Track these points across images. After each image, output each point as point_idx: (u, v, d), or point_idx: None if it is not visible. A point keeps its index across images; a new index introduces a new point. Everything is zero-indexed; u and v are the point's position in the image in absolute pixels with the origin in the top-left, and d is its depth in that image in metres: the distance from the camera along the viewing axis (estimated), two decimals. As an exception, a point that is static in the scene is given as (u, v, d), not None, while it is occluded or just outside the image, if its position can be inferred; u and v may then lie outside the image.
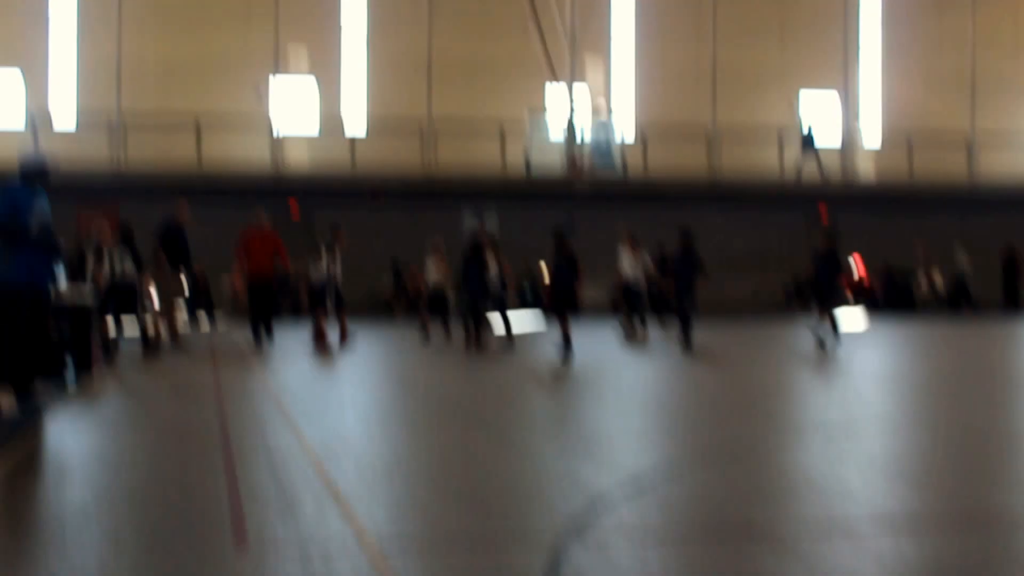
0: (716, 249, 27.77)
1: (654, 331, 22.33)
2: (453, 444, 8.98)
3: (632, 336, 21.16)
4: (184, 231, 18.49)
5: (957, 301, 33.19)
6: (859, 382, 14.51)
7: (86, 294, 13.41)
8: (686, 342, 18.57)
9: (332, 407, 11.57)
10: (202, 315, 27.41)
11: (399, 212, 32.29)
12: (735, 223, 33.89)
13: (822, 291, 18.88)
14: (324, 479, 7.06)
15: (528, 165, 33.86)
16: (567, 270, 17.27)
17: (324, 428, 9.64)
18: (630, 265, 21.62)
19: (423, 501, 6.67)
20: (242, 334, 17.74)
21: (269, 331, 18.71)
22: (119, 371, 14.31)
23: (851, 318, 26.18)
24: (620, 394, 13.21)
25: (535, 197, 32.91)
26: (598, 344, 19.70)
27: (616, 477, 7.16)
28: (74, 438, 9.18)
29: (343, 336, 18.75)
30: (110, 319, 15.69)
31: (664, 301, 23.59)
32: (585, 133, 34.50)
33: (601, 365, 16.43)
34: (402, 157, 33.39)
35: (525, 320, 25.12)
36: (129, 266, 16.67)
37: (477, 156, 33.65)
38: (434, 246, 21.57)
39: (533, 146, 34.11)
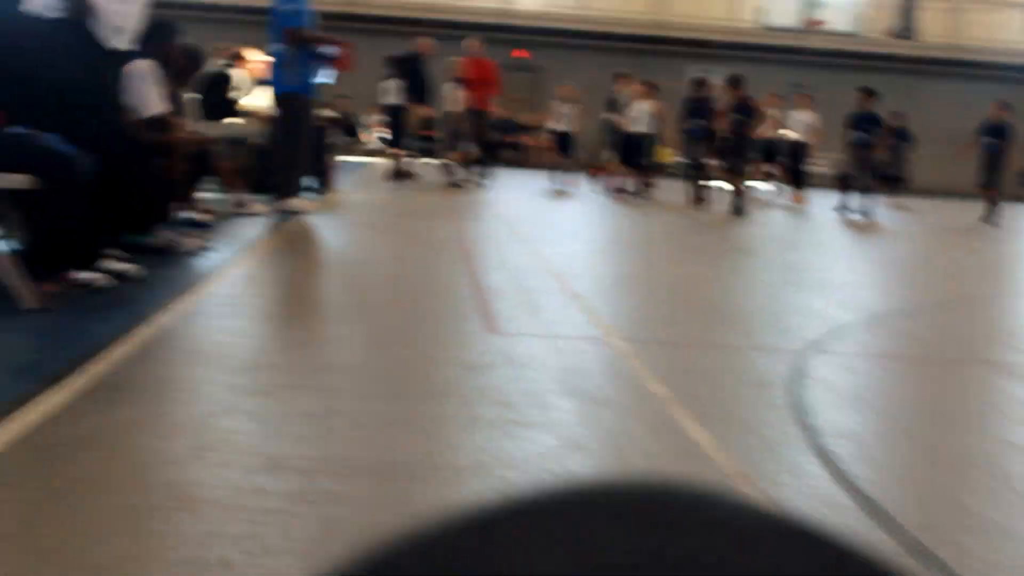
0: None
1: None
2: (686, 272, 9.03)
3: (798, 200, 19.68)
4: (424, 66, 18.88)
5: None
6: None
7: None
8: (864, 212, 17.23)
9: (564, 234, 11.77)
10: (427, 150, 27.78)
11: (624, 61, 32.10)
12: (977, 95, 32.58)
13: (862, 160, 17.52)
14: (564, 288, 7.20)
15: (761, 15, 33.05)
16: (742, 121, 16.36)
17: (558, 249, 9.83)
18: (797, 122, 20.30)
19: (663, 313, 6.79)
20: (462, 170, 18.19)
21: (484, 163, 18.97)
22: (354, 191, 14.84)
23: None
24: (833, 248, 13.16)
25: (765, 49, 32.23)
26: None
27: (851, 311, 7.12)
28: (326, 238, 9.52)
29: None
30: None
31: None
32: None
33: (796, 223, 16.31)
34: (631, 4, 33.09)
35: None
36: None
37: (708, 8, 33.10)
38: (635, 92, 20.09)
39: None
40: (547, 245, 10.21)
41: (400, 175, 18.85)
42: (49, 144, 5.48)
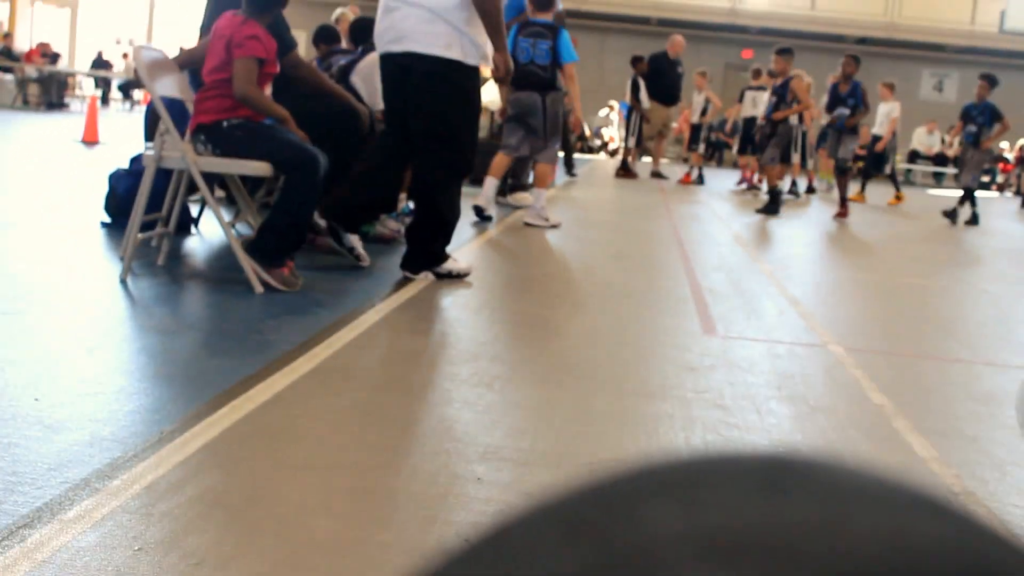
0: None
1: None
2: (909, 283, 8.78)
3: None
4: (676, 67, 18.88)
5: None
6: None
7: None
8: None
9: (779, 238, 11.58)
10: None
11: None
12: None
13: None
14: (782, 292, 7.09)
15: (1002, 19, 31.81)
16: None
17: (774, 252, 9.69)
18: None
19: (884, 322, 6.63)
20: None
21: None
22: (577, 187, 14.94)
23: None
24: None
25: (1004, 55, 31.10)
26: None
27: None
28: (547, 232, 9.59)
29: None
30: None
31: None
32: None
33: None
34: (863, 5, 32.35)
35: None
36: None
37: (945, 12, 32.10)
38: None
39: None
40: (762, 247, 10.08)
41: (626, 173, 19.05)
42: (292, 138, 5.67)
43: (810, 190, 19.71)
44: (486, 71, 6.81)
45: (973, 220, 15.22)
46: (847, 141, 14.38)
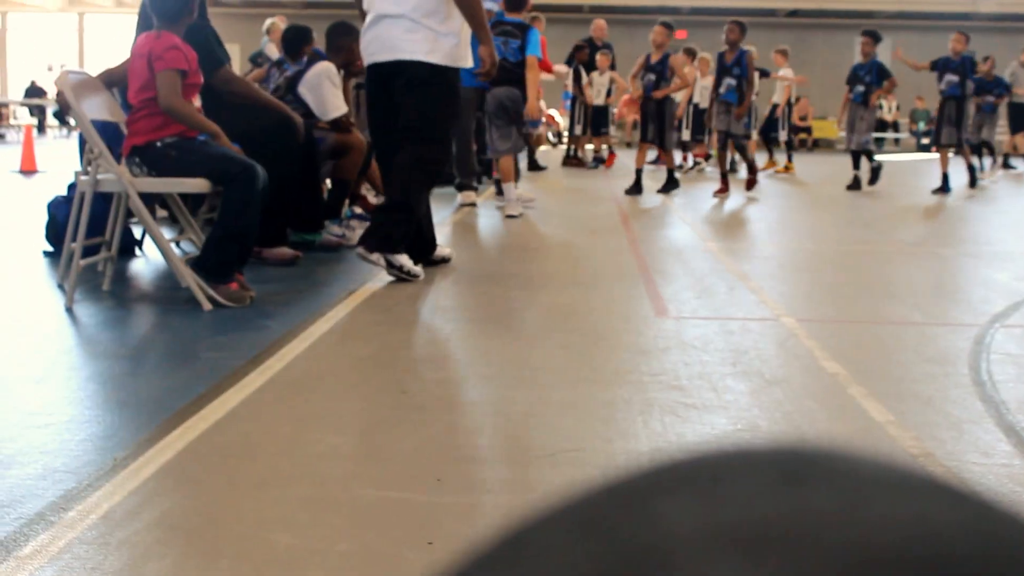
0: None
1: None
2: (855, 250, 8.84)
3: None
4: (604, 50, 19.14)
5: None
6: None
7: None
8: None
9: (724, 217, 11.64)
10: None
11: (786, 37, 31.59)
12: None
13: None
14: (730, 268, 7.12)
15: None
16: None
17: (722, 231, 9.73)
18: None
19: (834, 291, 6.66)
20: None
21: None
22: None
23: None
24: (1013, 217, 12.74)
25: (934, 17, 31.36)
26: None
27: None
28: (492, 228, 9.59)
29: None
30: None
31: None
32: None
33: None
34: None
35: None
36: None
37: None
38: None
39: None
40: (709, 226, 10.12)
41: (576, 162, 19.20)
42: (227, 151, 5.63)
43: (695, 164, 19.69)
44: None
45: (874, 178, 15.07)
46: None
